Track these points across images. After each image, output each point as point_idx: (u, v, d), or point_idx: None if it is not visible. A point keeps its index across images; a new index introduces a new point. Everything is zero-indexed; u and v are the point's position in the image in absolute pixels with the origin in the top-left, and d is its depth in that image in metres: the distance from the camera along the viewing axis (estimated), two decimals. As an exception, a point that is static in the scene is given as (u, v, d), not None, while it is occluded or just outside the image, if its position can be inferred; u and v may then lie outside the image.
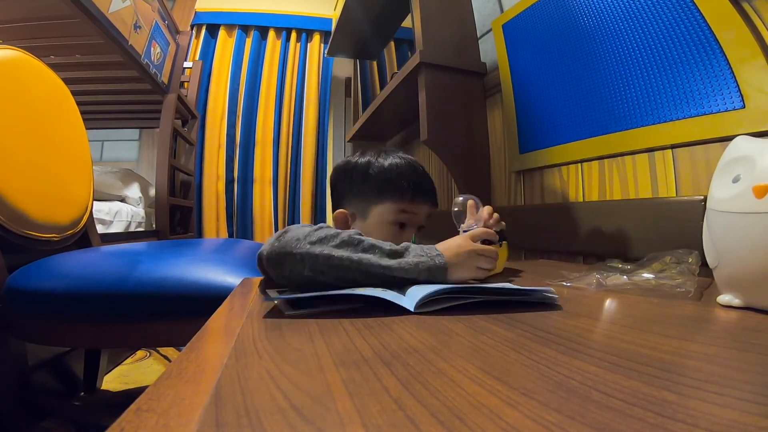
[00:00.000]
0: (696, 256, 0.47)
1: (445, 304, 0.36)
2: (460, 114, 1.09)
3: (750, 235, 0.34)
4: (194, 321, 0.34)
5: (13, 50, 0.90)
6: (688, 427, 0.15)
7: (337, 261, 0.43)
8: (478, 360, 0.24)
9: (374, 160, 0.68)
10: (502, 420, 0.16)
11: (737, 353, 0.25)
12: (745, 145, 0.37)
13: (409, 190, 0.66)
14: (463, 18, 1.14)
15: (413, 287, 0.42)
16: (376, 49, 2.00)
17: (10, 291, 0.71)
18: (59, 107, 1.03)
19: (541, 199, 0.99)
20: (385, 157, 0.68)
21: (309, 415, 0.17)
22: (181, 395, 0.20)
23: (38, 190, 0.88)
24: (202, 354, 0.27)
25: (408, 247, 0.47)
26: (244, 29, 2.56)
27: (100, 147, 2.78)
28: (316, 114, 2.60)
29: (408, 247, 0.47)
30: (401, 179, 0.66)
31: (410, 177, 0.67)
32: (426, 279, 0.44)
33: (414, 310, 0.35)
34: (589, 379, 0.20)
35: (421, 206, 0.68)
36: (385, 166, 0.67)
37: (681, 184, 0.67)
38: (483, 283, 0.47)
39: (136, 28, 1.47)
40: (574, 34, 0.88)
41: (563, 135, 0.91)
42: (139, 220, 1.96)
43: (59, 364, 1.09)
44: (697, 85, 0.64)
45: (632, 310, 0.38)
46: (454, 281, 0.46)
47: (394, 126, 1.74)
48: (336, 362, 0.24)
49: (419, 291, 0.39)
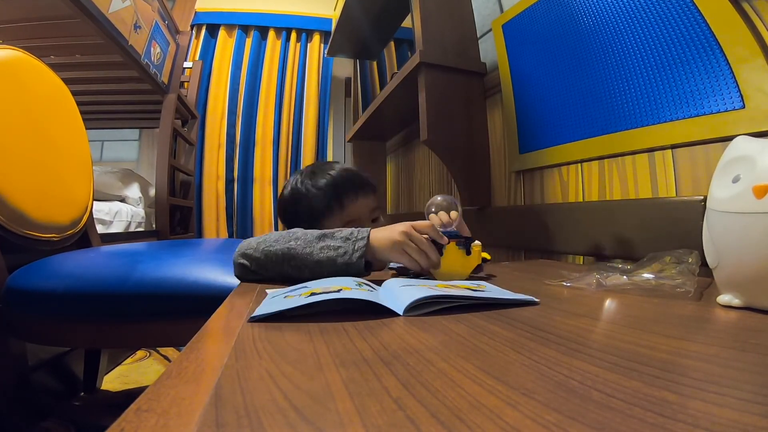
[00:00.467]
0: (696, 256, 0.47)
1: (434, 307, 0.36)
2: (460, 114, 1.09)
3: (750, 235, 0.34)
4: (194, 321, 0.34)
5: (13, 50, 0.90)
6: (688, 427, 0.15)
7: (272, 254, 0.52)
8: (478, 360, 0.24)
9: (309, 183, 0.71)
10: (502, 420, 0.16)
11: (737, 353, 0.25)
12: (745, 145, 0.37)
13: (345, 195, 0.70)
14: (463, 18, 1.14)
15: (401, 288, 0.42)
16: (376, 49, 2.00)
17: (10, 291, 0.71)
18: (59, 107, 1.03)
19: (541, 199, 0.99)
20: (318, 177, 0.71)
21: (309, 415, 0.17)
22: (181, 395, 0.20)
23: (38, 190, 0.88)
24: (202, 354, 0.27)
25: (334, 233, 0.52)
26: (244, 29, 2.56)
27: (100, 147, 2.78)
28: (316, 114, 2.60)
29: (334, 233, 0.52)
30: (335, 191, 0.69)
31: (342, 185, 0.70)
32: (345, 263, 0.49)
33: (403, 314, 0.35)
34: (589, 379, 0.20)
35: (363, 202, 0.71)
36: (319, 185, 0.70)
37: (681, 184, 0.67)
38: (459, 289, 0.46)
39: (136, 28, 1.47)
40: (574, 34, 0.88)
41: (563, 135, 0.91)
42: (139, 220, 1.96)
43: (59, 364, 1.09)
44: (697, 85, 0.64)
45: (632, 310, 0.38)
46: (381, 260, 0.51)
47: (394, 126, 1.75)
48: (336, 362, 0.24)
49: (407, 293, 0.38)
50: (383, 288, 0.44)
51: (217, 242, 1.22)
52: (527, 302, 0.39)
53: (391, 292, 0.42)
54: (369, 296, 0.37)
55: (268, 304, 0.37)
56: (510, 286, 0.51)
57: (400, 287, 0.42)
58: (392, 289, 0.42)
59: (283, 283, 0.50)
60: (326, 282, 0.44)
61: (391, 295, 0.40)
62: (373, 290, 0.42)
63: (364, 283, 0.44)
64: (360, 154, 1.97)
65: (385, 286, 0.45)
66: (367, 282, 0.45)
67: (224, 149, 2.47)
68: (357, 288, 0.40)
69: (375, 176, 1.98)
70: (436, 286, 0.43)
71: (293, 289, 0.42)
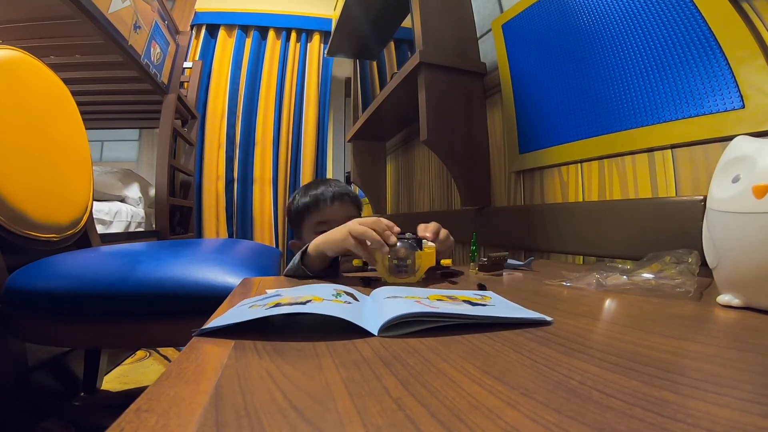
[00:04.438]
0: (696, 256, 0.47)
1: (414, 328, 0.30)
2: (460, 114, 1.09)
3: (750, 235, 0.34)
4: (194, 321, 0.34)
5: (13, 50, 0.90)
6: (688, 427, 0.15)
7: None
8: (478, 360, 0.24)
9: (295, 198, 0.91)
10: (502, 420, 0.16)
11: (737, 353, 0.25)
12: (744, 145, 0.37)
13: (313, 204, 0.85)
14: (462, 18, 1.14)
15: (385, 300, 0.37)
16: (376, 49, 2.00)
17: (10, 291, 0.71)
18: (59, 107, 1.03)
19: (541, 199, 0.99)
20: (302, 194, 0.90)
21: (309, 415, 0.17)
22: (181, 395, 0.20)
23: (38, 190, 0.88)
24: (202, 354, 0.27)
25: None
26: (243, 29, 2.56)
27: (100, 147, 2.78)
28: (315, 114, 2.60)
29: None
30: (305, 200, 0.87)
31: (311, 195, 0.87)
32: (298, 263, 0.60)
33: (378, 334, 0.29)
34: (589, 379, 0.20)
35: (333, 210, 0.85)
36: (297, 198, 0.90)
37: (681, 184, 0.67)
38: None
39: (135, 29, 1.47)
40: (574, 34, 0.88)
41: (563, 135, 0.91)
42: (138, 220, 1.96)
43: (59, 364, 1.09)
44: (697, 85, 0.64)
45: (632, 310, 0.38)
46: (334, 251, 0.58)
47: (394, 126, 1.75)
48: (336, 362, 0.24)
49: (390, 306, 0.33)
50: (371, 299, 0.40)
51: (216, 242, 1.22)
52: (538, 322, 0.33)
53: (375, 304, 0.37)
54: (339, 310, 0.32)
55: (229, 315, 0.33)
56: (510, 286, 0.51)
57: (385, 299, 0.37)
58: (377, 301, 0.38)
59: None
60: (299, 290, 0.40)
61: (373, 309, 0.36)
62: (352, 302, 0.36)
63: (345, 292, 0.39)
64: (360, 154, 1.96)
65: (373, 296, 0.41)
66: (349, 291, 0.41)
67: (224, 149, 2.47)
68: (332, 298, 0.36)
69: (375, 176, 1.98)
70: (428, 297, 0.37)
71: (262, 298, 0.38)
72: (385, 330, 0.30)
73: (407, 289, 0.44)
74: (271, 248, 1.25)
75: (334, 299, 0.36)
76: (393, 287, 0.46)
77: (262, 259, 0.94)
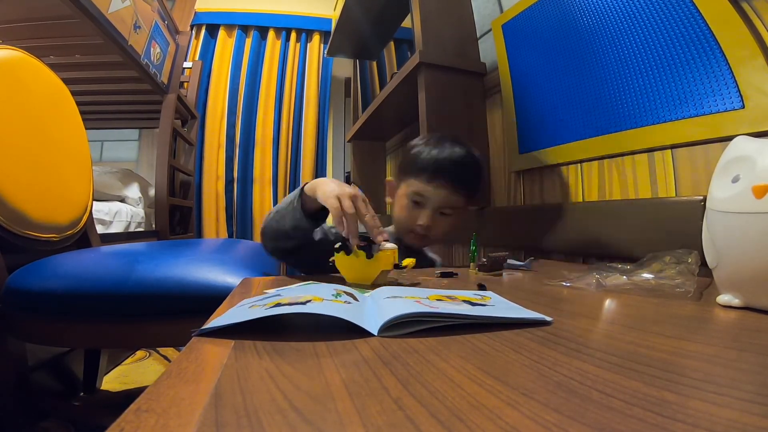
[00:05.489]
0: (695, 256, 0.47)
1: (414, 328, 0.30)
2: (460, 114, 1.09)
3: (749, 235, 0.34)
4: (194, 321, 0.34)
5: (13, 50, 0.90)
6: (688, 427, 0.15)
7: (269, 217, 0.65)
8: (478, 360, 0.24)
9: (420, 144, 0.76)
10: (502, 420, 0.16)
11: (737, 353, 0.25)
12: (744, 145, 0.37)
13: (426, 172, 0.72)
14: (462, 18, 1.14)
15: (385, 300, 0.37)
16: (376, 49, 2.00)
17: (10, 291, 0.71)
18: (59, 107, 1.03)
19: (541, 199, 0.99)
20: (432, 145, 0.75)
21: (309, 415, 0.17)
22: (180, 395, 0.20)
23: (38, 190, 0.88)
24: (202, 354, 0.27)
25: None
26: (243, 29, 2.56)
27: (99, 147, 2.78)
28: (315, 114, 2.60)
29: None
30: (424, 162, 0.73)
31: (435, 162, 0.72)
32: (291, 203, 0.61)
33: (377, 334, 0.29)
34: (589, 379, 0.20)
35: (438, 190, 0.72)
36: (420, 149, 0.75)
37: (680, 184, 0.67)
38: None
39: (135, 28, 1.47)
40: (574, 34, 0.88)
41: (563, 135, 0.91)
42: (138, 220, 1.96)
43: (59, 364, 1.09)
44: (697, 85, 0.64)
45: (632, 310, 0.38)
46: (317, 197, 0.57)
47: (394, 126, 1.75)
48: (336, 362, 0.24)
49: (390, 307, 0.33)
50: (371, 298, 0.40)
51: (216, 242, 1.22)
52: (538, 322, 0.33)
53: (375, 304, 0.37)
54: (339, 310, 0.32)
55: (229, 315, 0.33)
56: (510, 287, 0.51)
57: (385, 299, 0.37)
58: (377, 301, 0.38)
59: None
60: (298, 290, 0.40)
61: (373, 309, 0.35)
62: (352, 302, 0.36)
63: (345, 292, 0.39)
64: (360, 154, 1.96)
65: (374, 296, 0.41)
66: (349, 291, 0.41)
67: (224, 149, 2.47)
68: (332, 298, 0.36)
69: (375, 176, 1.98)
70: (428, 297, 0.37)
71: (262, 298, 0.38)
72: (385, 330, 0.30)
73: (407, 289, 0.45)
74: (271, 248, 1.24)
75: (334, 299, 0.36)
76: (393, 287, 0.46)
77: (262, 259, 0.94)
